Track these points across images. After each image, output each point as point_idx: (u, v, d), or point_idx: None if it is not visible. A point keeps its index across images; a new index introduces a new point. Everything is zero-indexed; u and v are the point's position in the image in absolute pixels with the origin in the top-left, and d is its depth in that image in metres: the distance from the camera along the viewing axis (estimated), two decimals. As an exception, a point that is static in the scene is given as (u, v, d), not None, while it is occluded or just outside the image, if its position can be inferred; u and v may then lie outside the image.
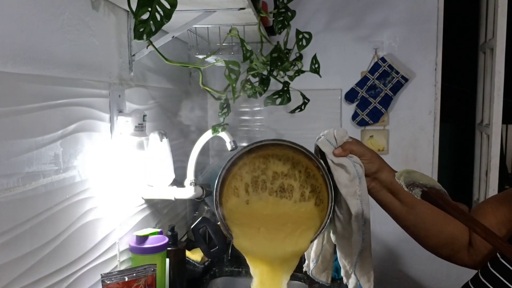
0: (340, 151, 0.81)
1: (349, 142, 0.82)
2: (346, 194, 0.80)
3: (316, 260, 0.95)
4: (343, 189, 0.80)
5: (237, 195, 0.86)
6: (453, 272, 2.07)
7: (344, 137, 0.83)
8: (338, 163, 0.81)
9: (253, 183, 0.87)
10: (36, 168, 0.79)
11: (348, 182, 0.80)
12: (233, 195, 0.86)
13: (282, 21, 1.35)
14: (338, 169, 0.81)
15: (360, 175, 0.80)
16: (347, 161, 0.80)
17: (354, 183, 0.80)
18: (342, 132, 0.83)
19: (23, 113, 0.76)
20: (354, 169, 0.80)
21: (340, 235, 0.87)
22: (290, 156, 0.85)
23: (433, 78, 1.99)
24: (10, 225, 0.73)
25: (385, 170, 0.83)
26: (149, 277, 1.01)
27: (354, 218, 0.80)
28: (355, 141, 0.84)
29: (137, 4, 0.78)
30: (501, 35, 1.86)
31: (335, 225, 0.87)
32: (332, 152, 0.81)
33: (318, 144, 0.83)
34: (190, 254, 1.45)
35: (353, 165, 0.80)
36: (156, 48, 0.97)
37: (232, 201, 0.86)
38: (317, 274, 0.96)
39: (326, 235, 0.92)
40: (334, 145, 0.82)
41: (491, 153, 1.94)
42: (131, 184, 1.20)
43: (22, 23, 0.77)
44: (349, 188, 0.80)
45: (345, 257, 0.89)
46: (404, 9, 1.97)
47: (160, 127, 1.38)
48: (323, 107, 2.03)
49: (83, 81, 0.97)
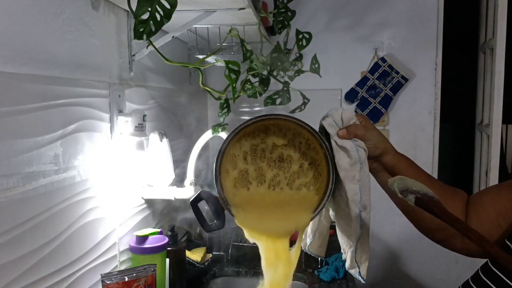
0: (344, 133, 0.80)
1: (355, 126, 0.80)
2: (344, 177, 0.79)
3: (313, 235, 0.95)
4: (342, 172, 0.79)
5: (234, 166, 0.84)
6: (453, 272, 2.07)
7: (352, 120, 0.81)
8: (341, 145, 0.79)
9: (252, 151, 0.85)
10: (36, 168, 0.79)
11: (349, 166, 0.79)
12: (231, 167, 0.84)
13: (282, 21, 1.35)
14: (340, 152, 0.80)
15: (362, 160, 0.79)
16: (350, 145, 0.79)
17: (354, 167, 0.79)
18: (350, 114, 0.81)
19: (23, 113, 0.76)
20: (356, 153, 0.79)
21: (339, 215, 0.87)
22: (292, 127, 0.84)
23: (433, 78, 1.99)
24: (10, 225, 0.73)
25: (389, 154, 0.83)
26: (149, 277, 1.01)
27: (351, 202, 0.79)
28: (362, 124, 0.81)
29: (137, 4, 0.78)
30: (501, 35, 1.86)
31: (334, 204, 0.87)
32: (337, 133, 0.80)
33: (323, 123, 0.82)
34: (190, 254, 1.45)
35: (356, 149, 0.79)
36: (156, 48, 0.97)
37: (231, 176, 0.84)
38: (313, 249, 0.96)
39: (324, 211, 0.92)
40: (340, 126, 0.81)
41: (491, 153, 1.94)
42: (131, 184, 1.20)
43: (22, 23, 0.77)
44: (348, 172, 0.79)
45: (342, 236, 0.89)
46: (404, 9, 1.97)
47: (160, 127, 1.38)
48: (323, 107, 2.00)
49: (83, 81, 0.97)
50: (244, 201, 0.85)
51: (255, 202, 0.86)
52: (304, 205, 0.85)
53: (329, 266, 1.42)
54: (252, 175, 0.86)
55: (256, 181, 0.86)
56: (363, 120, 0.83)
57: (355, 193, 0.79)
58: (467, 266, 1.90)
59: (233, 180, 0.85)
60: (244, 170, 0.86)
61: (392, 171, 0.84)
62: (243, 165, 0.86)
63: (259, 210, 0.85)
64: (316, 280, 1.41)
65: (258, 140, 0.85)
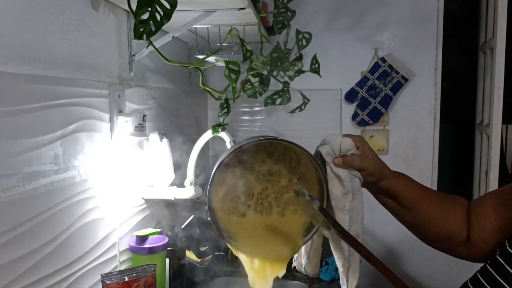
0: (340, 162, 0.80)
1: (352, 157, 0.79)
2: (335, 206, 0.80)
3: (307, 256, 0.95)
4: (333, 200, 0.80)
5: (223, 182, 0.84)
6: (453, 272, 2.07)
7: (350, 151, 0.80)
8: (336, 173, 0.80)
9: (241, 165, 0.85)
10: (36, 168, 0.79)
11: (341, 195, 0.79)
12: (220, 184, 0.84)
13: (282, 21, 1.35)
14: (334, 179, 0.80)
15: (356, 190, 0.79)
16: (345, 174, 0.79)
17: (346, 197, 0.79)
18: (349, 144, 0.80)
19: (23, 113, 0.76)
20: (350, 184, 0.79)
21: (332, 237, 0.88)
22: (284, 144, 0.83)
23: (433, 78, 1.99)
24: (10, 225, 0.73)
25: (384, 179, 0.82)
26: (149, 277, 1.01)
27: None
28: (359, 152, 0.81)
29: (137, 4, 0.78)
30: (501, 35, 1.86)
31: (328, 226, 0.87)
32: (333, 161, 0.80)
33: (321, 150, 0.81)
34: (190, 254, 1.45)
35: (350, 178, 0.79)
36: (156, 48, 0.97)
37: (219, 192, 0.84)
38: (310, 270, 0.96)
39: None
40: (337, 154, 0.80)
41: (491, 153, 1.94)
42: (131, 184, 1.20)
43: (22, 23, 0.77)
44: (339, 201, 0.79)
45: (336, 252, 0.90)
46: (404, 9, 1.97)
47: (160, 127, 1.38)
48: (323, 107, 2.03)
49: (83, 81, 0.97)
50: (237, 229, 0.86)
51: (248, 229, 0.87)
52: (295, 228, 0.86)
53: (329, 266, 1.42)
54: (240, 189, 0.86)
55: (244, 195, 0.86)
56: (361, 144, 0.82)
57: (344, 223, 0.79)
58: (467, 266, 1.89)
59: (222, 196, 0.85)
60: (233, 184, 0.86)
61: (388, 193, 0.84)
62: (232, 180, 0.86)
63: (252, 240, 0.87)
64: (316, 280, 1.40)
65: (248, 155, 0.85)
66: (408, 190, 0.83)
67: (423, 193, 0.84)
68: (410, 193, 0.83)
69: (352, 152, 0.80)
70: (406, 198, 0.83)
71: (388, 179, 0.83)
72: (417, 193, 0.84)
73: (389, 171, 0.84)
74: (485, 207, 0.80)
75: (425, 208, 0.83)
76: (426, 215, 0.83)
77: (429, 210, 0.83)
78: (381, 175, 0.82)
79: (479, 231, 0.79)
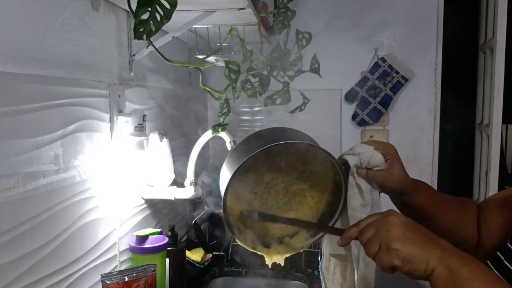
0: (364, 174, 0.78)
1: (375, 173, 0.78)
2: (351, 216, 0.79)
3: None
4: (350, 210, 0.79)
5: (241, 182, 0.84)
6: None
7: (378, 167, 0.79)
8: (357, 183, 0.79)
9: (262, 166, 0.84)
10: (36, 168, 0.79)
11: (359, 206, 0.78)
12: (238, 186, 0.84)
13: (282, 21, 1.35)
14: (354, 189, 0.79)
15: (374, 202, 0.79)
16: (366, 185, 0.78)
17: (363, 209, 0.78)
18: (378, 161, 0.78)
19: (23, 113, 0.76)
20: (369, 196, 0.78)
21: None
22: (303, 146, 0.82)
23: (433, 78, 1.99)
24: (10, 225, 0.73)
25: (405, 195, 0.82)
26: (149, 277, 1.01)
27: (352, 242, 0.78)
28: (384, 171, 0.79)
29: (137, 4, 0.78)
30: (501, 35, 1.86)
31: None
32: (357, 171, 0.79)
33: (349, 160, 0.79)
34: (190, 254, 1.45)
35: (370, 191, 0.78)
36: (156, 48, 0.97)
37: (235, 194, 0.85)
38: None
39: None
40: (364, 166, 0.79)
41: (491, 153, 1.94)
42: (131, 184, 1.20)
43: (22, 23, 0.77)
44: (356, 213, 0.78)
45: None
46: (404, 9, 1.96)
47: (160, 127, 1.38)
48: (323, 107, 2.03)
49: (83, 81, 0.96)
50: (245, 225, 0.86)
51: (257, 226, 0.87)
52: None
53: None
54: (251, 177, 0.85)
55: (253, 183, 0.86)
56: (391, 158, 0.80)
57: None
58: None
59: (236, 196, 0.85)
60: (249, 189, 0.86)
61: (407, 207, 0.84)
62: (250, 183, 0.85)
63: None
64: (316, 280, 1.40)
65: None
66: (427, 204, 0.84)
67: (441, 205, 0.85)
68: (429, 207, 0.83)
69: (379, 168, 0.79)
70: (425, 212, 0.84)
71: (408, 195, 0.82)
72: (435, 206, 0.84)
73: (410, 187, 0.83)
74: (491, 211, 0.81)
75: (442, 220, 0.84)
76: (442, 225, 0.84)
77: (446, 221, 0.84)
78: (401, 192, 0.82)
79: (487, 235, 0.80)
